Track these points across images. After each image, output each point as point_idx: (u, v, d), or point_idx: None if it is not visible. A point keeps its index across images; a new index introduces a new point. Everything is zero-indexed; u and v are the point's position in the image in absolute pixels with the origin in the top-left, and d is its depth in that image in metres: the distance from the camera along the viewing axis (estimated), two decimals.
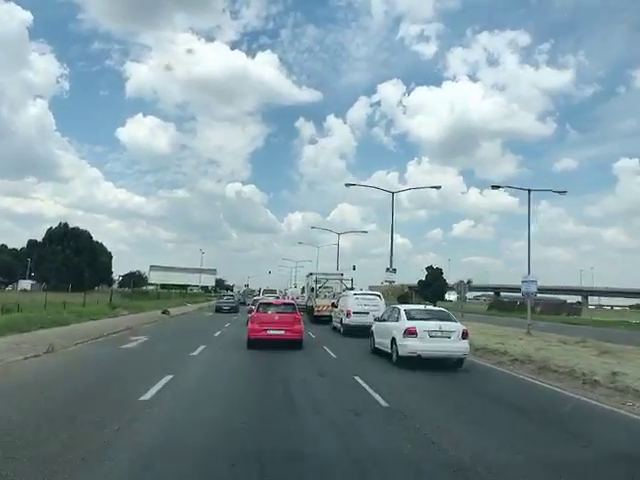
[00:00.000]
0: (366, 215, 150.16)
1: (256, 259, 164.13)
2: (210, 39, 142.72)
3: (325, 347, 15.87)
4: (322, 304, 26.59)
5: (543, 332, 23.14)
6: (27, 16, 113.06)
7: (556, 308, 58.95)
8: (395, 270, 27.74)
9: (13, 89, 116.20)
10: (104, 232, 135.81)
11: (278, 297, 34.28)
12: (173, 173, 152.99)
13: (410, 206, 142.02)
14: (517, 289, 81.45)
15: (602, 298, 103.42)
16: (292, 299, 26.96)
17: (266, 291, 48.22)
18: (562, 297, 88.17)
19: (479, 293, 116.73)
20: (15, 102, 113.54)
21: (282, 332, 14.38)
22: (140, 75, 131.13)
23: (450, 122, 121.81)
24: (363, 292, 23.32)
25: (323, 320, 25.62)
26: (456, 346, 11.53)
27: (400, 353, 11.72)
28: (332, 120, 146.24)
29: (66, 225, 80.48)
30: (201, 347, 14.41)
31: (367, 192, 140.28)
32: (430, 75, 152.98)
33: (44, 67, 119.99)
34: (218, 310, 37.10)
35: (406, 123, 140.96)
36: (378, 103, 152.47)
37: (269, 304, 15.99)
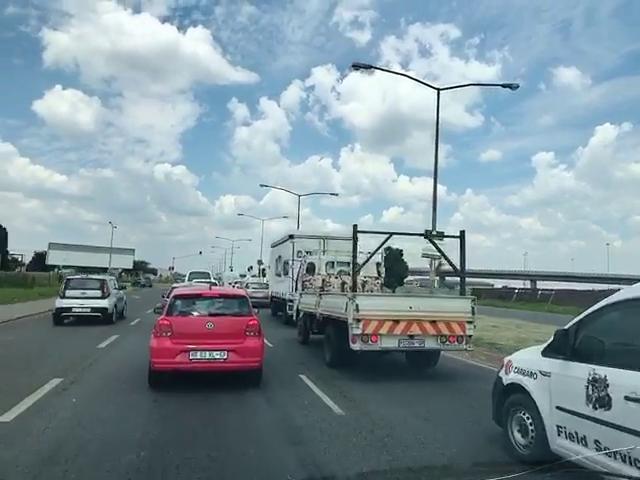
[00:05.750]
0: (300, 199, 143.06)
1: (186, 243, 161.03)
2: (137, 11, 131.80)
3: (303, 376, 8.49)
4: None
5: None
6: None
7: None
8: (443, 235, 11.93)
9: None
10: (19, 211, 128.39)
11: (215, 284, 19.30)
12: (98, 151, 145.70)
13: (344, 192, 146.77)
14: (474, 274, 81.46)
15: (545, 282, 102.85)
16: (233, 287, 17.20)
17: (195, 274, 31.68)
18: (511, 282, 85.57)
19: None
20: None
21: (222, 355, 7.27)
22: (60, 44, 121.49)
23: (382, 110, 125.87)
24: None
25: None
26: None
27: None
28: (266, 102, 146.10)
29: None
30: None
31: (302, 177, 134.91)
32: (363, 62, 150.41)
33: None
34: (58, 320, 15.90)
35: (340, 109, 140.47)
36: (312, 88, 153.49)
37: (195, 297, 8.12)
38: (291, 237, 17.91)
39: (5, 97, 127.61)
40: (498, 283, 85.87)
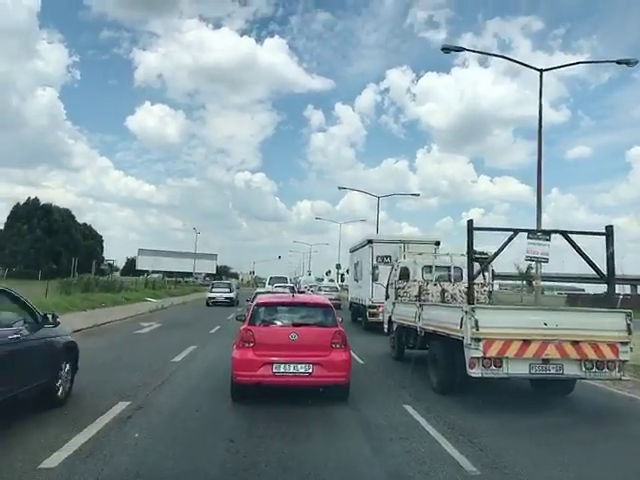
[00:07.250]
0: (374, 204, 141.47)
1: (265, 248, 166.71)
2: (218, 26, 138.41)
3: (409, 407, 6.90)
4: None
5: None
6: (34, 3, 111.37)
7: None
8: (549, 236, 7.91)
9: (23, 78, 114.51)
10: (115, 220, 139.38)
11: (294, 289, 18.82)
12: (183, 162, 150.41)
13: (421, 194, 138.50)
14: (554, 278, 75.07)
15: None
16: (305, 291, 16.49)
17: (274, 279, 33.48)
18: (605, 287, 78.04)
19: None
20: (26, 91, 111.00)
21: (306, 369, 6.69)
22: (148, 63, 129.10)
23: (460, 109, 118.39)
24: None
25: None
26: None
27: None
28: (340, 108, 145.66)
29: (36, 201, 68.77)
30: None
31: (377, 180, 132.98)
32: (439, 61, 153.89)
33: (54, 56, 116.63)
34: (209, 304, 30.67)
35: (415, 111, 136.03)
36: (387, 90, 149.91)
37: (279, 305, 7.60)
38: (370, 242, 17.61)
39: (102, 116, 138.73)
40: (590, 288, 78.51)
